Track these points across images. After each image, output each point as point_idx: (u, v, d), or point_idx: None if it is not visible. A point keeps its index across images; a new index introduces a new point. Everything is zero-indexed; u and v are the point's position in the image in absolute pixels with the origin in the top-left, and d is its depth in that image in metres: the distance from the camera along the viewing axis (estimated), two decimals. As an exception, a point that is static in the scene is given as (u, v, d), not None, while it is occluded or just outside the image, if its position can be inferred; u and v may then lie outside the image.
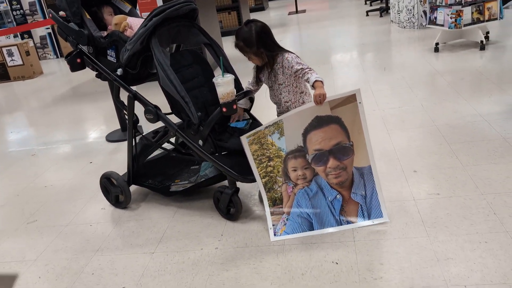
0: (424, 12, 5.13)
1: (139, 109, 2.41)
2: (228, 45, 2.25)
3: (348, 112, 2.07)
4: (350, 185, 2.16)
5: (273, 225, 2.21)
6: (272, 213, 2.24)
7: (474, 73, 4.07)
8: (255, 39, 2.15)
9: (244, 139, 2.20)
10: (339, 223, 2.15)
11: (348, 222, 2.14)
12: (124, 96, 2.47)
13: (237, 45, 2.21)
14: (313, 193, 2.19)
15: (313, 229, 2.15)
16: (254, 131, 2.19)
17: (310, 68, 2.19)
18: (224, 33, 8.30)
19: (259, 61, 2.25)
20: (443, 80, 4.02)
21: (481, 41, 4.75)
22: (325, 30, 7.57)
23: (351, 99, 2.07)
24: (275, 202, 2.25)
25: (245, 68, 2.43)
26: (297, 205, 2.21)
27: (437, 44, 4.98)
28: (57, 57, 9.20)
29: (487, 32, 5.03)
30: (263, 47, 2.17)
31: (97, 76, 2.53)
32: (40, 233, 2.58)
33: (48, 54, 9.22)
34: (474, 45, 4.92)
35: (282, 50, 2.24)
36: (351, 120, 2.08)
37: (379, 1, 9.27)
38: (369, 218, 2.14)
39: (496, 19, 4.77)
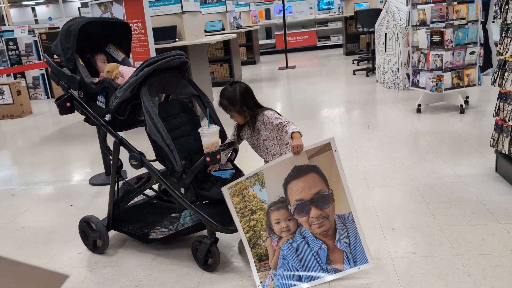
0: (408, 74, 5.37)
1: (124, 154, 2.45)
2: (219, 95, 2.36)
3: (325, 160, 2.15)
4: (334, 234, 2.19)
5: (261, 282, 2.18)
6: (258, 270, 2.23)
7: (453, 135, 4.22)
8: (239, 98, 2.27)
9: (225, 191, 2.24)
10: (326, 272, 2.15)
11: (335, 271, 2.15)
12: (110, 141, 2.51)
13: (221, 103, 2.33)
14: (298, 245, 2.20)
15: (301, 281, 2.14)
16: (235, 182, 2.23)
17: (288, 121, 2.28)
18: (215, 84, 8.51)
19: (241, 120, 2.36)
20: (424, 141, 4.15)
21: (461, 105, 4.95)
22: (313, 86, 7.80)
23: (326, 148, 2.15)
24: (261, 258, 2.24)
25: (231, 119, 2.51)
26: (283, 259, 2.21)
27: (419, 105, 5.17)
28: (48, 97, 9.28)
29: (467, 97, 5.25)
30: (245, 106, 2.29)
31: (85, 120, 2.58)
32: (12, 275, 2.51)
33: (39, 94, 9.30)
34: (454, 109, 5.12)
35: (263, 109, 2.35)
36: (329, 168, 2.15)
37: (366, 62, 9.64)
38: (355, 264, 2.15)
39: (474, 85, 5.00)
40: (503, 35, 2.93)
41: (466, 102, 5.21)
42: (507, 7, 2.87)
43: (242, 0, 15.12)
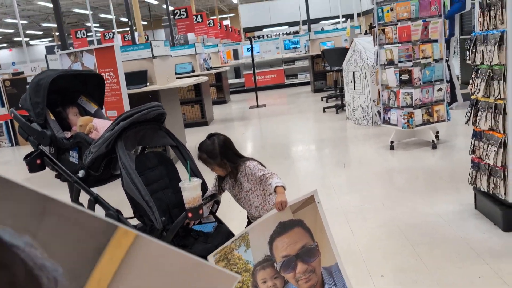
0: (378, 112, 5.48)
1: (100, 210, 2.31)
2: (191, 137, 2.31)
3: (309, 213, 2.10)
4: (322, 287, 2.10)
5: None
6: None
7: (428, 172, 4.26)
8: (218, 151, 2.20)
9: (211, 258, 2.14)
10: None
11: None
12: (84, 197, 2.38)
13: (200, 157, 2.25)
14: None
15: None
16: (220, 248, 2.14)
17: (271, 173, 2.22)
18: (187, 125, 8.44)
19: (223, 172, 2.29)
20: (400, 178, 4.17)
21: (433, 141, 5.04)
22: (285, 125, 7.85)
23: (310, 201, 2.10)
24: None
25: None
26: None
27: (392, 142, 5.24)
28: (13, 145, 8.94)
29: (437, 132, 5.37)
30: (226, 158, 2.22)
31: (56, 176, 2.45)
32: None
33: (3, 142, 8.96)
34: (426, 144, 5.21)
35: (244, 160, 2.29)
36: (313, 221, 2.10)
37: (335, 99, 9.83)
38: (346, 317, 2.07)
39: (444, 120, 5.13)
40: (473, 76, 3.02)
41: (437, 137, 5.32)
42: (474, 49, 2.96)
43: (210, 41, 15.35)
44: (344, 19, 17.81)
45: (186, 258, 0.53)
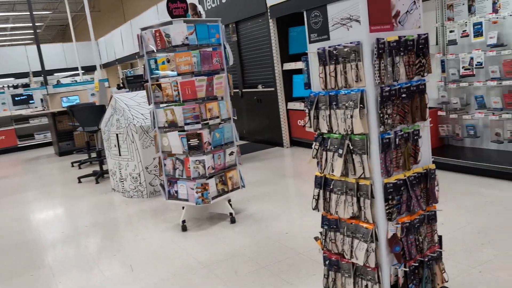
0: (162, 185, 4.42)
1: None
2: None
3: None
4: None
5: None
6: None
7: (245, 261, 3.39)
8: None
9: None
10: None
11: None
12: None
13: None
14: None
15: None
16: None
17: None
18: None
19: None
20: (216, 279, 3.16)
21: (230, 213, 4.27)
22: (27, 208, 5.86)
23: None
24: None
25: None
26: None
27: (184, 221, 4.22)
28: None
29: (229, 201, 4.64)
30: None
31: None
32: None
33: None
34: (223, 218, 4.40)
35: None
36: None
37: (89, 163, 8.25)
38: None
39: (238, 188, 4.44)
40: (316, 147, 2.30)
41: (230, 205, 4.59)
42: (316, 113, 2.27)
43: None
44: (83, 71, 16.22)
45: None
